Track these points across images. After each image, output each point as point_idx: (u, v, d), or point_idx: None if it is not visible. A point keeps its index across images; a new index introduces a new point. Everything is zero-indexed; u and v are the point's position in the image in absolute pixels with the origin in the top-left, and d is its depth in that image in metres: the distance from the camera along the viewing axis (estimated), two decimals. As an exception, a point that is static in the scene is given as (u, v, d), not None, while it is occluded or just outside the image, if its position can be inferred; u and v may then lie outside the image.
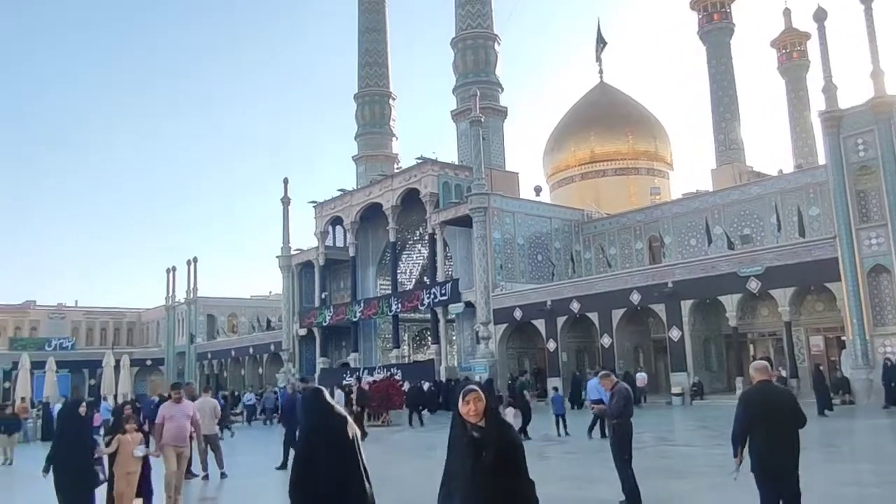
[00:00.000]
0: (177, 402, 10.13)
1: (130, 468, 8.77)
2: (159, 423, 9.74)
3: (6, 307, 66.62)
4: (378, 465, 15.74)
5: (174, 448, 9.65)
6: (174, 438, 9.68)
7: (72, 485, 7.97)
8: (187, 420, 9.94)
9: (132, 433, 8.92)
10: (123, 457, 8.71)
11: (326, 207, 47.64)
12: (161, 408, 10.10)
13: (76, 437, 8.27)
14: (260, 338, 55.42)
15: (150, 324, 71.72)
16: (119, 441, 8.78)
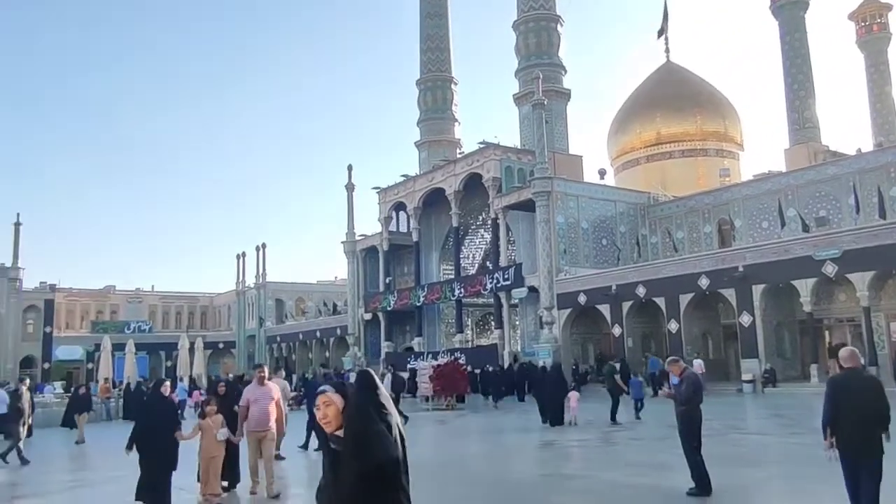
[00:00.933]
0: (260, 383, 9.50)
1: (214, 452, 8.62)
2: (244, 406, 9.25)
3: (89, 292, 69.84)
4: (442, 446, 16.02)
5: (255, 433, 9.18)
6: (256, 423, 9.16)
7: (153, 465, 7.99)
8: (271, 402, 9.33)
9: (213, 416, 8.76)
10: (207, 441, 8.61)
11: (390, 193, 48.10)
12: (245, 391, 9.54)
13: (159, 417, 8.29)
14: (326, 322, 56.56)
15: (222, 308, 74.00)
16: (201, 426, 8.68)
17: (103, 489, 10.98)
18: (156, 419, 8.30)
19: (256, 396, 9.24)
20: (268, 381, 9.63)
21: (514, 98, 47.87)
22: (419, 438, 18.25)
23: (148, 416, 8.55)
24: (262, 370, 9.70)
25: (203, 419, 8.74)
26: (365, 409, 2.90)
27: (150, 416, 8.45)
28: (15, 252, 56.97)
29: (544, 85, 39.54)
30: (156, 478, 8.07)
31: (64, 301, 64.90)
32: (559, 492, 9.68)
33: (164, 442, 8.10)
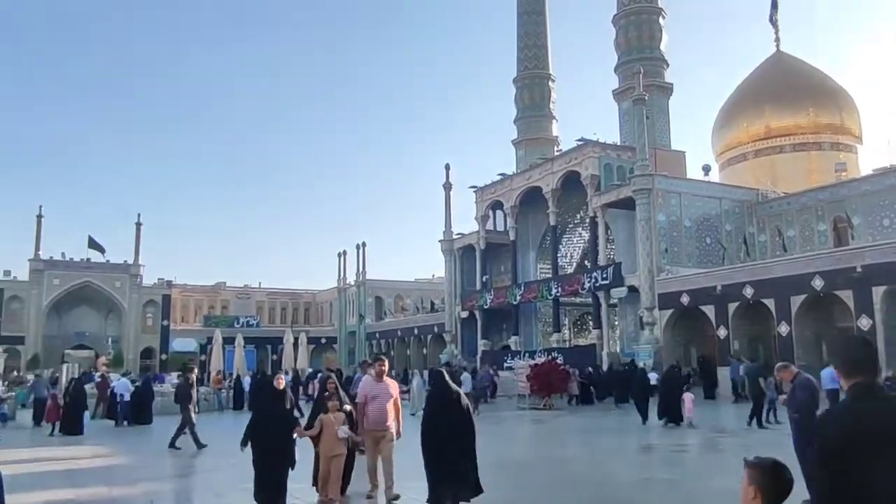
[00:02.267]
0: (378, 379, 8.62)
1: (336, 450, 8.01)
2: (361, 402, 8.47)
3: (201, 288, 73.69)
4: (540, 446, 15.91)
5: (373, 433, 8.38)
6: (374, 422, 8.35)
7: (270, 462, 7.70)
8: (390, 400, 8.47)
9: (335, 412, 8.18)
10: (327, 438, 8.03)
11: (487, 192, 48.21)
12: (362, 385, 8.75)
13: (274, 411, 7.98)
14: (424, 319, 57.31)
15: (324, 304, 76.33)
16: (322, 421, 8.10)
17: (215, 476, 11.58)
18: (272, 414, 7.98)
19: (375, 393, 8.40)
20: (387, 377, 8.72)
21: (614, 94, 46.95)
22: (516, 437, 18.27)
23: (263, 410, 8.22)
24: (383, 363, 8.77)
25: (325, 414, 8.19)
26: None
27: (266, 411, 8.12)
28: (136, 250, 60.95)
29: (645, 80, 38.61)
30: (273, 476, 7.72)
31: (179, 296, 68.75)
32: (662, 497, 9.47)
33: (280, 438, 7.77)
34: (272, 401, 8.18)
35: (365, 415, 8.33)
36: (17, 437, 17.73)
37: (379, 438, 8.37)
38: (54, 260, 58.24)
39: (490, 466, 12.68)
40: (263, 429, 7.81)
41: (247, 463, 8.42)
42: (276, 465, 7.78)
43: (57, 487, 10.48)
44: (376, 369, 8.70)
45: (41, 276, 57.14)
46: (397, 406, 8.59)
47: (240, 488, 10.04)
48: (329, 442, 8.03)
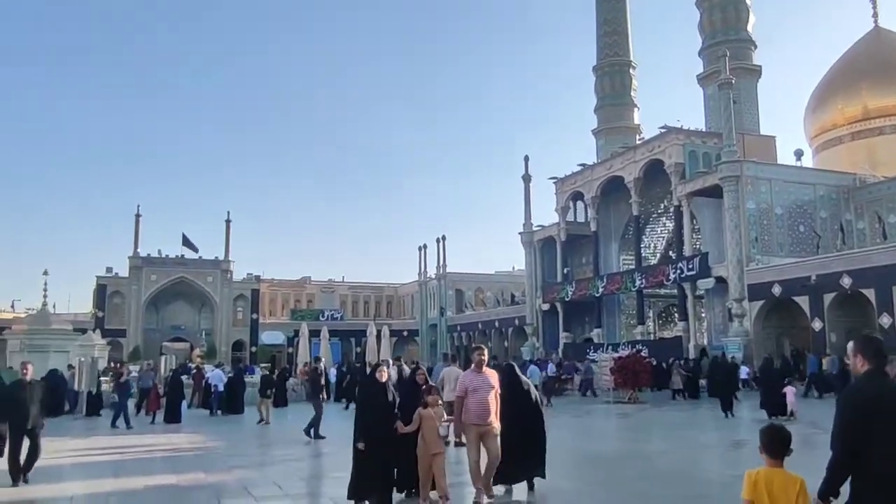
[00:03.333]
0: (478, 370, 7.93)
1: (435, 448, 7.40)
2: (460, 395, 7.85)
3: (288, 282, 75.94)
4: (625, 440, 15.67)
5: (476, 428, 7.75)
6: (477, 416, 7.71)
7: (374, 459, 7.36)
8: (491, 392, 7.83)
9: (435, 406, 7.61)
10: (427, 435, 7.43)
11: (567, 183, 47.68)
12: (462, 378, 8.08)
13: (377, 403, 7.63)
14: (505, 312, 57.30)
15: (406, 297, 77.35)
16: (421, 416, 7.49)
17: (305, 464, 11.97)
18: (376, 407, 7.59)
19: (476, 385, 7.80)
20: (487, 369, 8.05)
21: (699, 79, 45.60)
22: (601, 431, 18.06)
23: (368, 403, 7.79)
24: (482, 353, 8.03)
25: (424, 407, 7.60)
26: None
27: (371, 404, 7.72)
28: (226, 247, 63.41)
29: (732, 63, 37.27)
30: (377, 473, 7.38)
31: (267, 291, 71.08)
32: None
33: (385, 431, 7.43)
34: (377, 394, 7.75)
35: (465, 409, 7.74)
36: (122, 425, 18.74)
37: (483, 434, 7.76)
38: (151, 257, 61.26)
39: (575, 460, 12.66)
40: (370, 423, 7.49)
41: (338, 453, 8.64)
42: (383, 462, 7.45)
43: (160, 473, 11.09)
44: (475, 359, 8.00)
45: (140, 273, 60.23)
46: (498, 399, 7.99)
47: (331, 476, 10.38)
48: (429, 439, 7.42)
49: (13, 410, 9.64)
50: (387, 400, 7.72)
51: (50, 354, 23.19)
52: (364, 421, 7.58)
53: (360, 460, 7.49)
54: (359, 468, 7.54)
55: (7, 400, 9.89)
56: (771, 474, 3.64)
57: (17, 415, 9.58)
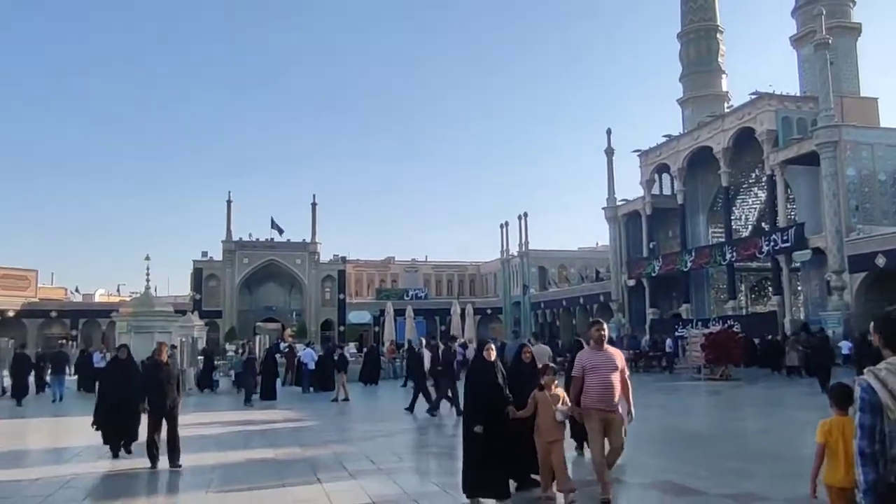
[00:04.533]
0: (598, 347, 7.00)
1: (553, 435, 6.71)
2: (577, 376, 6.94)
3: (373, 263, 77.41)
4: (718, 419, 15.29)
5: (598, 413, 6.77)
6: (598, 399, 6.77)
7: (488, 445, 6.72)
8: (615, 372, 6.86)
9: (552, 388, 6.94)
10: (543, 420, 6.74)
11: (651, 155, 46.46)
12: (579, 357, 7.07)
13: (487, 384, 6.96)
14: (589, 288, 56.61)
15: (488, 276, 77.51)
16: (536, 399, 6.81)
17: (397, 439, 12.27)
18: (487, 390, 6.94)
19: (595, 363, 6.85)
20: (608, 346, 7.11)
21: (792, 40, 43.34)
22: (692, 409, 17.69)
23: (477, 384, 7.07)
24: (601, 328, 7.03)
25: (540, 389, 6.88)
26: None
27: (480, 385, 7.02)
28: (313, 229, 65.10)
29: (828, 21, 35.23)
30: (493, 464, 6.73)
31: (353, 271, 72.66)
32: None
33: (498, 416, 6.82)
34: (486, 373, 7.04)
35: (585, 391, 6.83)
36: (222, 402, 19.72)
37: (607, 421, 6.82)
38: (243, 241, 63.60)
39: (667, 438, 12.45)
40: (482, 407, 6.83)
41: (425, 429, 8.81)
42: (498, 448, 6.75)
43: (259, 447, 11.62)
44: (594, 335, 7.02)
45: (233, 256, 62.68)
46: (625, 380, 7.00)
47: (421, 451, 10.63)
48: (545, 425, 6.72)
49: (152, 391, 9.74)
50: (496, 381, 6.98)
51: (154, 335, 24.46)
52: (476, 404, 6.87)
53: (473, 450, 6.79)
54: (472, 458, 6.85)
55: (147, 380, 9.96)
56: (839, 421, 4.53)
57: (157, 395, 9.69)
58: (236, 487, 8.37)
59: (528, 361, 7.71)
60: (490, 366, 7.10)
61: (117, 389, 10.76)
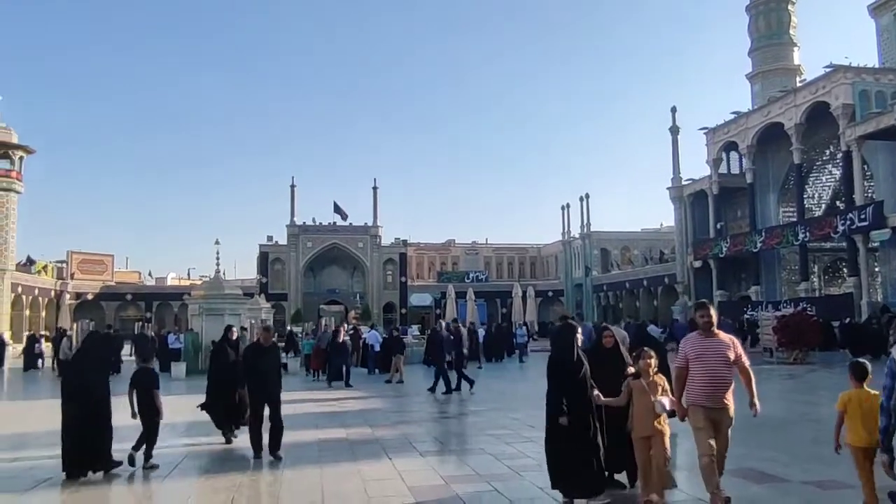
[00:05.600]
0: (706, 333, 6.00)
1: (648, 430, 5.88)
2: (680, 365, 6.02)
3: (434, 245, 77.75)
4: (792, 403, 14.86)
5: (705, 411, 5.82)
6: (705, 394, 5.84)
7: (575, 436, 6.05)
8: (725, 364, 5.88)
9: (650, 375, 6.00)
10: (639, 412, 5.94)
11: (719, 133, 45.13)
12: (684, 344, 6.09)
13: (569, 369, 6.18)
14: (654, 270, 55.65)
15: (549, 258, 76.94)
16: (631, 388, 6.02)
17: (465, 421, 12.34)
18: (569, 375, 6.16)
19: (700, 351, 5.92)
20: (719, 331, 6.05)
21: (870, 9, 41.26)
22: (766, 393, 17.09)
23: (561, 370, 6.22)
24: (708, 311, 6.00)
25: (636, 377, 6.07)
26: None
27: (564, 371, 6.21)
28: (374, 213, 65.84)
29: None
30: (580, 459, 6.02)
31: (414, 254, 73.18)
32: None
33: (584, 406, 6.11)
34: (567, 351, 6.26)
35: (689, 384, 5.96)
36: (292, 383, 20.09)
37: (716, 420, 5.85)
38: (307, 225, 64.79)
39: (741, 424, 12.10)
40: (563, 395, 6.09)
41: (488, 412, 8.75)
42: (586, 440, 6.08)
43: (329, 427, 11.85)
44: (700, 321, 6.04)
45: (297, 240, 63.95)
46: (745, 369, 6.00)
47: (487, 434, 10.65)
48: (642, 418, 5.91)
49: (252, 377, 9.00)
50: (579, 364, 6.24)
51: (224, 317, 25.17)
52: (558, 393, 6.11)
53: (558, 443, 6.11)
54: (557, 453, 6.16)
55: (250, 364, 9.09)
56: (857, 393, 5.54)
57: (257, 382, 8.96)
58: (311, 465, 8.55)
59: (610, 347, 6.77)
60: (608, 354, 6.51)
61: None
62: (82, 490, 7.58)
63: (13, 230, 48.94)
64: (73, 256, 63.10)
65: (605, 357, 6.71)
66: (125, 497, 7.69)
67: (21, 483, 7.86)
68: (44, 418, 12.73)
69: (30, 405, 17.14)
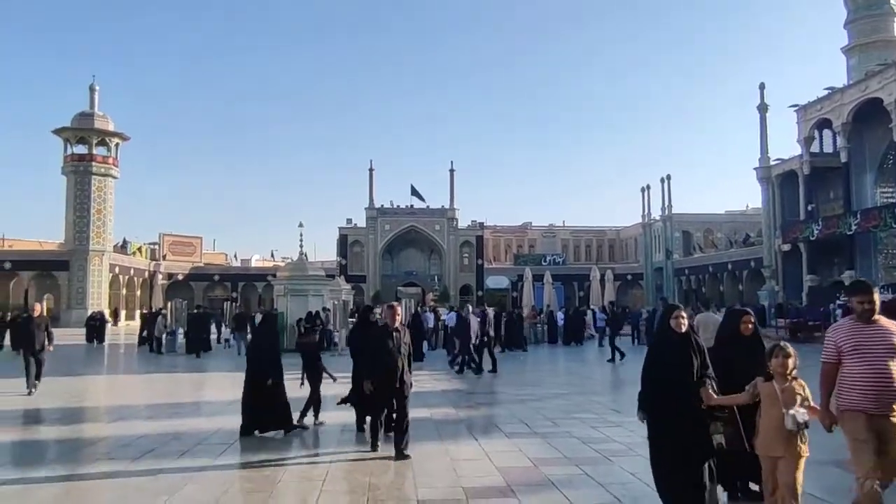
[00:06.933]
0: (864, 320, 4.80)
1: (775, 448, 4.59)
2: (830, 361, 4.83)
3: (510, 228, 77.55)
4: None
5: (866, 417, 4.59)
6: (867, 396, 4.62)
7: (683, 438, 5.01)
8: (893, 358, 4.63)
9: (787, 378, 4.68)
10: (767, 425, 4.66)
11: (811, 110, 43.04)
12: (834, 333, 4.90)
13: (673, 361, 5.11)
14: (739, 253, 53.93)
15: (629, 241, 75.56)
16: (757, 390, 4.75)
17: (547, 404, 12.33)
18: (673, 368, 5.11)
19: (857, 342, 4.74)
20: (881, 317, 4.81)
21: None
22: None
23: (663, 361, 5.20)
24: (869, 295, 4.79)
25: (767, 378, 4.74)
26: None
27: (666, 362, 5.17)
28: (451, 195, 66.10)
29: None
30: (690, 462, 4.97)
31: (490, 237, 73.18)
32: None
33: (692, 401, 5.04)
34: (669, 343, 5.23)
35: (840, 384, 4.78)
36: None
37: (882, 431, 4.55)
38: (385, 208, 65.68)
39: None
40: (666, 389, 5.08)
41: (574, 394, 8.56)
42: (694, 441, 5.00)
43: (413, 406, 11.96)
44: (860, 307, 4.81)
45: (375, 223, 64.95)
46: None
47: (572, 417, 10.65)
48: (769, 432, 4.64)
49: (378, 360, 7.92)
50: (689, 355, 5.11)
51: (308, 298, 25.93)
52: (653, 386, 5.17)
53: (662, 443, 5.11)
54: (662, 453, 5.13)
55: (377, 349, 7.99)
56: None
57: (388, 368, 7.82)
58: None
59: (750, 335, 5.60)
60: (679, 336, 5.17)
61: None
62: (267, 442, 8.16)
63: (111, 214, 51.59)
64: (164, 239, 66.06)
65: (745, 348, 5.45)
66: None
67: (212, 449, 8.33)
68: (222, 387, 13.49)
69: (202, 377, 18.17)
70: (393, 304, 8.80)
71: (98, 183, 50.53)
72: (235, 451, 8.37)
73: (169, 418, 10.84)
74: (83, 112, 51.19)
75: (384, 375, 7.82)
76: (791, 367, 4.73)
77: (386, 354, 7.84)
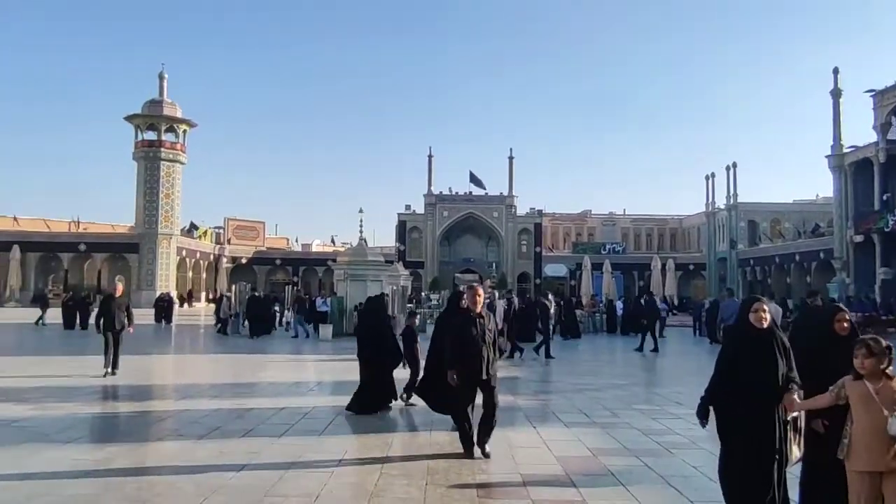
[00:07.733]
0: None
1: (875, 462, 3.82)
2: None
3: (569, 216, 76.80)
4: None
5: None
6: None
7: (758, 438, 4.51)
8: None
9: (880, 378, 3.97)
10: (860, 431, 3.92)
11: (888, 95, 41.14)
12: None
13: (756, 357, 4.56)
14: (807, 244, 52.09)
15: (691, 230, 73.89)
16: (844, 390, 4.05)
17: (603, 395, 12.21)
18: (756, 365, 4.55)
19: None
20: None
21: None
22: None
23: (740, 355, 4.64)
24: None
25: (856, 378, 4.04)
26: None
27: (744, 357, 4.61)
28: (510, 182, 65.78)
29: None
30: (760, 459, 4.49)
31: (549, 224, 72.64)
32: None
33: (771, 403, 4.50)
34: (748, 339, 4.66)
35: None
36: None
37: None
38: (443, 195, 65.81)
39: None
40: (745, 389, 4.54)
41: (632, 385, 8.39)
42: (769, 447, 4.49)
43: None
44: None
45: (433, 210, 65.15)
46: None
47: (632, 407, 10.51)
48: (864, 439, 3.89)
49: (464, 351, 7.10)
50: (773, 353, 4.57)
51: (367, 283, 26.22)
52: (727, 387, 4.61)
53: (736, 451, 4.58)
54: (735, 467, 4.59)
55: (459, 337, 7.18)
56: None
57: (470, 359, 7.05)
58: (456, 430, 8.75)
59: (846, 335, 4.63)
60: (761, 332, 4.59)
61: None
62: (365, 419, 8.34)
63: (178, 198, 53.19)
64: (229, 223, 67.75)
65: (833, 351, 4.57)
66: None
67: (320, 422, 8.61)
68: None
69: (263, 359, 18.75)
70: (474, 284, 7.90)
71: (167, 168, 52.12)
72: (296, 432, 8.54)
73: (233, 398, 11.16)
74: (153, 99, 52.81)
75: (469, 366, 7.04)
76: (888, 363, 4.01)
77: (470, 343, 7.05)
